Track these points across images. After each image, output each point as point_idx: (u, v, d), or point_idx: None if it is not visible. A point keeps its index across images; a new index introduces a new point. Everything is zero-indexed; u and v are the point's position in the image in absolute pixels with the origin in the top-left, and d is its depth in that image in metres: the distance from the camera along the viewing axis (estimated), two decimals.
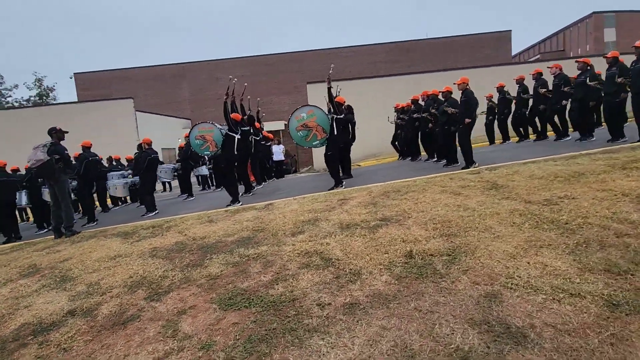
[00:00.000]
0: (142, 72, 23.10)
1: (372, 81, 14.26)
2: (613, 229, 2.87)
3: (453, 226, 3.45)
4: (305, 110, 6.22)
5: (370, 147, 13.70)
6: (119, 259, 4.10)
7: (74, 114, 15.85)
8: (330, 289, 2.76)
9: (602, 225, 2.96)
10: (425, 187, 4.96)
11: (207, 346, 2.38)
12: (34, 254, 4.93)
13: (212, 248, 4.00)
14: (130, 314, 2.91)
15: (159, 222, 5.64)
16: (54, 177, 5.69)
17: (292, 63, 22.74)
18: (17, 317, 3.12)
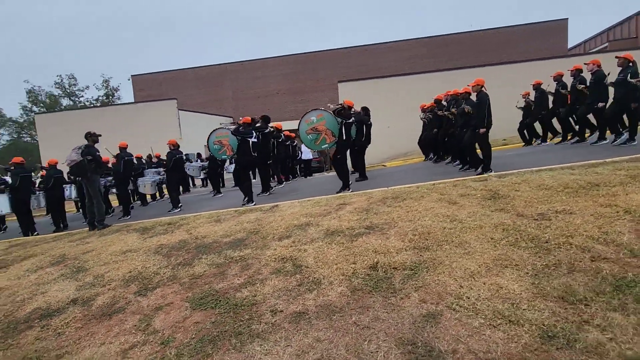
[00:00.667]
0: (189, 73, 24.62)
1: (404, 79, 13.89)
2: (593, 252, 2.65)
3: (430, 239, 3.39)
4: (315, 114, 6.32)
5: (400, 147, 13.43)
6: (128, 254, 4.55)
7: (127, 114, 17.42)
8: (288, 296, 2.88)
9: (583, 246, 2.75)
10: (424, 194, 4.84)
11: (166, 342, 2.63)
12: (67, 245, 5.61)
13: (206, 248, 4.29)
14: (118, 307, 3.27)
15: (175, 220, 6.10)
16: (86, 175, 6.40)
17: (329, 61, 22.79)
18: (33, 301, 3.64)
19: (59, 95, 37.63)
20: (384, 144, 13.95)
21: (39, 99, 36.67)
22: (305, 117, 6.37)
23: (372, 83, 14.05)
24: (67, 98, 38.33)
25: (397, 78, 14.08)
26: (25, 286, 4.08)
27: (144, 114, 16.65)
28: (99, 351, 2.68)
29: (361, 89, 14.05)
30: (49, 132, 18.01)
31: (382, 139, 13.92)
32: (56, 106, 35.78)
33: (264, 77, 23.56)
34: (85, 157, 6.33)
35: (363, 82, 14.19)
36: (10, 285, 4.17)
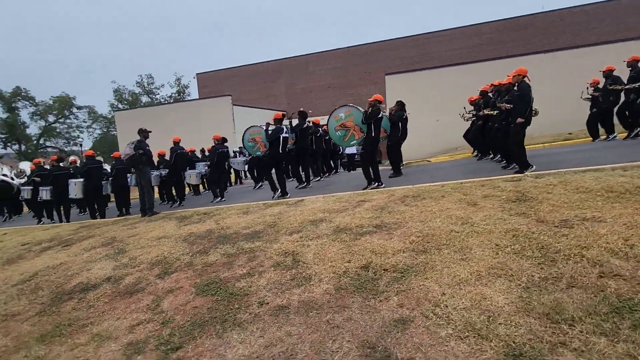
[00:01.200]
0: (246, 70, 25.82)
1: (457, 69, 13.01)
2: (605, 267, 2.35)
3: (433, 241, 3.25)
4: (343, 111, 6.29)
5: (450, 141, 12.68)
6: (162, 240, 5.04)
7: (189, 110, 18.90)
8: (278, 290, 3.00)
9: (596, 259, 2.44)
10: (446, 194, 4.61)
11: (166, 322, 2.92)
12: (120, 228, 6.35)
13: (225, 238, 4.58)
14: (140, 287, 3.68)
15: (211, 210, 6.56)
16: (139, 168, 7.14)
17: (383, 52, 22.20)
18: (79, 276, 4.24)
19: (139, 93, 41.91)
20: (433, 138, 13.37)
21: (123, 97, 41.17)
22: (334, 114, 6.38)
23: (422, 74, 13.45)
24: (145, 95, 42.57)
25: (450, 68, 13.26)
26: (77, 263, 4.75)
27: (203, 109, 17.93)
28: (114, 324, 3.06)
29: (410, 81, 13.55)
30: (126, 127, 20.21)
31: (431, 133, 13.34)
32: (137, 103, 39.87)
33: (316, 71, 23.79)
34: (137, 151, 7.06)
35: (412, 74, 13.65)
36: (67, 261, 4.88)
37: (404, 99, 13.32)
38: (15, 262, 5.38)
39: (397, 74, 13.95)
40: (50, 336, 3.07)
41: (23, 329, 3.30)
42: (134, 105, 38.27)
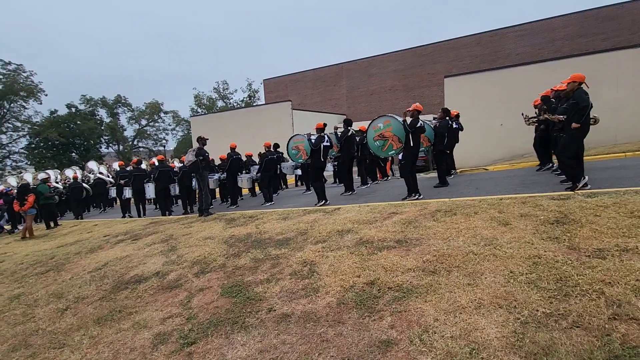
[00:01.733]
0: (308, 75, 26.58)
1: (524, 69, 11.86)
2: (623, 308, 2.11)
3: (446, 262, 3.17)
4: (382, 121, 6.25)
5: (515, 148, 11.66)
6: (207, 240, 5.58)
7: (254, 115, 20.14)
8: (288, 298, 3.20)
9: (615, 299, 2.20)
10: (481, 210, 4.37)
11: (190, 318, 3.30)
12: (179, 227, 7.14)
13: (259, 243, 4.92)
14: (179, 283, 4.16)
15: (256, 214, 7.03)
16: (199, 172, 7.92)
17: (449, 51, 21.11)
18: (136, 269, 4.91)
19: (215, 98, 45.61)
20: (496, 144, 12.43)
21: (202, 102, 45.15)
22: (373, 124, 6.37)
23: (484, 76, 12.55)
24: (221, 100, 46.18)
25: (514, 69, 12.18)
26: (138, 256, 5.50)
27: (265, 115, 18.97)
28: (151, 315, 3.54)
29: (471, 84, 12.76)
30: (199, 130, 22.24)
31: (494, 138, 12.41)
32: (213, 107, 43.45)
33: (378, 74, 23.54)
34: (198, 157, 7.85)
35: (473, 76, 12.80)
36: (132, 254, 5.67)
37: (464, 102, 12.70)
38: (95, 252, 6.39)
39: (457, 76, 13.23)
40: (104, 319, 3.66)
41: (87, 311, 3.97)
42: (210, 109, 41.79)
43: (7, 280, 5.75)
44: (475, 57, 20.32)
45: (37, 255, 7.02)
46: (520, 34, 19.62)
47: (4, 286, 5.48)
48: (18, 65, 30.75)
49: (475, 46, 20.46)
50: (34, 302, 4.56)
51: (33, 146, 33.40)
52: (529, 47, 19.05)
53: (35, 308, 4.38)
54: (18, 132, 32.61)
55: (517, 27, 19.42)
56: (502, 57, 19.36)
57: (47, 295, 4.70)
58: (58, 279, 5.28)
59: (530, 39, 19.05)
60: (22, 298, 4.79)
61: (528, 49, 18.97)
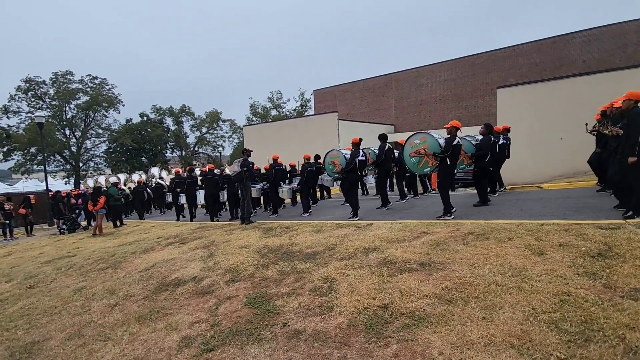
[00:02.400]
0: (357, 85, 26.67)
1: (588, 78, 10.76)
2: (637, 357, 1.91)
3: (466, 291, 3.06)
4: (418, 137, 6.12)
5: (577, 164, 10.60)
6: (243, 249, 5.88)
7: (302, 125, 20.71)
8: (304, 314, 3.30)
9: (634, 345, 1.99)
10: (516, 236, 4.12)
11: (214, 325, 3.54)
12: (221, 233, 7.59)
13: (288, 255, 5.09)
14: (211, 289, 4.46)
15: (292, 224, 7.24)
16: (243, 182, 8.38)
17: (505, 59, 19.89)
18: (177, 272, 5.34)
19: (269, 107, 47.53)
20: (555, 159, 11.45)
21: (257, 111, 47.30)
22: (410, 140, 6.28)
23: (542, 86, 11.63)
24: (274, 109, 48.02)
25: (579, 78, 11.12)
26: (181, 260, 5.97)
27: (312, 125, 19.41)
28: (183, 318, 3.85)
29: (527, 94, 11.91)
30: (251, 139, 23.37)
31: (554, 153, 11.45)
32: (267, 116, 45.31)
33: (428, 84, 22.91)
34: (242, 168, 8.32)
35: (528, 87, 11.92)
36: (176, 257, 6.17)
37: (519, 114, 11.92)
38: (148, 252, 7.04)
39: (511, 87, 12.45)
40: (144, 318, 4.05)
41: (132, 309, 4.42)
42: (264, 118, 43.65)
43: (75, 274, 6.55)
44: (535, 64, 18.91)
45: (101, 252, 7.90)
46: (587, 39, 17.89)
47: (72, 279, 6.26)
48: (103, 79, 34.86)
49: (534, 53, 19.06)
50: (92, 296, 5.16)
51: (111, 151, 37.48)
52: (597, 53, 17.28)
53: (92, 301, 4.96)
54: (100, 138, 36.83)
55: (584, 32, 17.74)
56: (567, 65, 17.77)
57: (103, 290, 5.30)
58: (114, 275, 5.92)
59: (599, 44, 17.27)
60: (83, 291, 5.45)
61: (596, 56, 17.21)
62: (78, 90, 33.25)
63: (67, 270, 6.78)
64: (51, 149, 30.51)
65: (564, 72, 17.45)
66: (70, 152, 33.89)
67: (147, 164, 37.88)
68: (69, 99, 32.66)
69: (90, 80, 34.07)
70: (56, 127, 32.25)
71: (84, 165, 35.87)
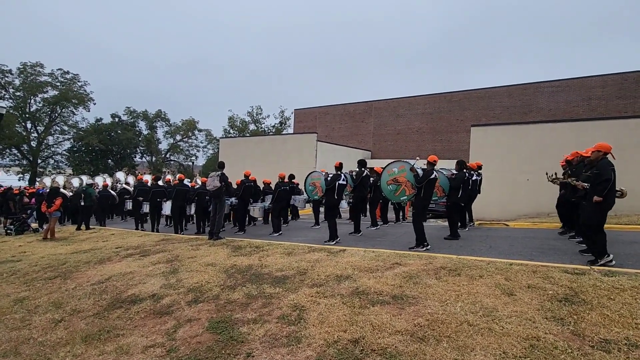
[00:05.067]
0: (338, 109, 27.19)
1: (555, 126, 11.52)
2: None
3: (438, 329, 3.00)
4: (397, 166, 6.24)
5: (541, 205, 11.16)
6: (209, 267, 5.59)
7: (280, 143, 20.66)
8: (270, 345, 3.11)
9: None
10: (487, 274, 4.17)
11: (171, 350, 3.26)
12: (186, 247, 7.22)
13: (257, 278, 4.88)
14: (171, 309, 4.16)
15: (263, 244, 7.02)
16: (220, 197, 8.10)
17: (480, 100, 21.04)
18: (134, 288, 4.96)
19: (248, 122, 47.25)
20: (521, 198, 11.98)
21: (235, 124, 46.85)
22: (388, 168, 6.37)
23: (513, 129, 12.31)
24: (253, 124, 47.78)
25: (547, 125, 11.90)
26: (140, 274, 5.58)
27: (290, 144, 19.42)
28: (136, 341, 3.53)
29: (499, 135, 12.54)
30: (226, 152, 22.96)
31: (520, 192, 12.00)
32: (245, 130, 44.92)
33: (406, 115, 23.71)
34: (222, 183, 8.06)
35: (501, 128, 12.61)
36: (135, 271, 5.77)
37: (491, 152, 12.49)
38: (104, 263, 6.55)
39: (484, 126, 13.09)
40: (91, 338, 3.69)
41: (79, 326, 4.02)
42: (242, 132, 43.26)
43: (17, 282, 5.96)
44: (506, 108, 20.11)
45: (51, 259, 7.28)
46: (555, 90, 19.33)
47: (14, 287, 5.68)
48: (75, 74, 33.49)
49: (506, 97, 20.30)
50: (34, 309, 4.68)
51: (75, 149, 35.57)
52: (563, 103, 18.67)
53: (34, 315, 4.49)
54: (64, 135, 34.96)
55: (552, 82, 19.18)
56: (534, 111, 19.04)
57: (47, 302, 4.82)
58: (62, 287, 5.42)
59: (565, 95, 18.69)
60: (25, 302, 4.94)
61: (562, 106, 18.58)
62: (47, 83, 31.71)
63: (8, 277, 6.17)
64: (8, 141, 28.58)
65: (532, 118, 18.64)
66: (29, 147, 31.89)
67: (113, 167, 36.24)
68: (35, 91, 31.03)
69: (61, 74, 32.67)
70: (17, 119, 30.34)
71: (42, 162, 33.80)
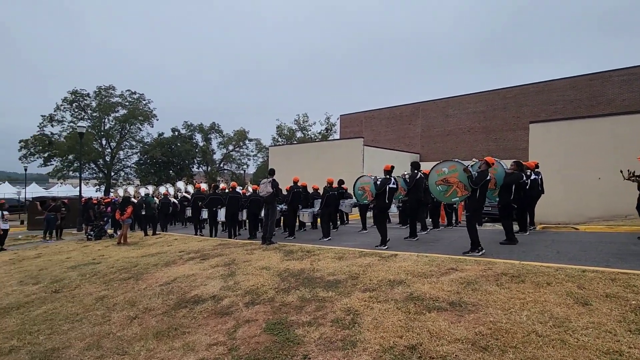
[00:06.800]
0: (384, 112, 26.83)
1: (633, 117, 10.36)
2: None
3: (503, 339, 2.84)
4: (447, 165, 5.97)
5: (616, 207, 10.02)
6: (263, 271, 5.80)
7: (326, 149, 20.86)
8: (325, 348, 3.15)
9: None
10: (555, 282, 3.85)
11: (232, 349, 3.44)
12: (242, 251, 7.55)
13: (310, 281, 4.97)
14: (230, 310, 4.38)
15: (314, 249, 7.13)
16: (272, 203, 8.40)
17: (539, 94, 19.50)
18: (197, 289, 5.30)
19: (295, 129, 48.38)
20: (592, 200, 10.89)
21: (283, 132, 48.20)
22: (437, 168, 6.13)
23: (580, 123, 11.26)
24: (300, 131, 48.80)
25: (621, 117, 10.71)
26: (202, 276, 5.94)
27: (337, 149, 19.52)
28: (200, 339, 3.77)
29: (563, 131, 11.53)
30: (276, 159, 23.68)
31: (590, 193, 10.90)
32: (293, 138, 46.04)
33: (456, 114, 22.74)
34: (274, 189, 8.36)
35: (566, 123, 11.57)
36: (197, 273, 6.16)
37: (552, 150, 11.50)
38: (169, 266, 7.08)
39: (545, 122, 12.11)
40: (161, 334, 4.00)
41: (150, 323, 4.39)
42: (290, 139, 44.41)
43: (98, 282, 6.65)
44: (570, 101, 18.45)
45: (124, 262, 8.03)
46: (627, 79, 17.35)
47: (95, 286, 6.35)
48: (140, 94, 36.81)
49: (569, 90, 18.62)
50: (113, 306, 5.19)
51: (141, 162, 38.95)
52: (638, 93, 16.70)
53: (112, 312, 4.98)
54: (132, 149, 38.49)
55: (622, 71, 17.24)
56: (603, 103, 17.25)
57: (123, 301, 5.32)
58: (135, 287, 5.95)
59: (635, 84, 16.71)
60: (105, 300, 5.49)
61: (637, 95, 16.62)
62: (117, 104, 35.18)
63: (91, 277, 6.90)
64: (87, 157, 32.05)
65: (601, 110, 16.91)
66: (104, 161, 35.49)
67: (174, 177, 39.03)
68: (108, 111, 34.55)
69: (129, 94, 36.04)
70: (94, 137, 33.98)
71: (115, 175, 37.36)
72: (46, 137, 32.48)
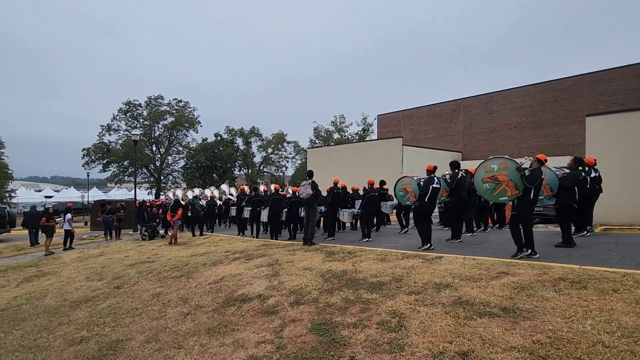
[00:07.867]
0: (423, 111, 26.08)
1: None
2: None
3: (564, 350, 2.67)
4: (496, 162, 5.65)
5: None
6: (306, 271, 5.89)
7: (364, 149, 20.70)
8: (372, 350, 3.14)
9: None
10: (623, 288, 3.55)
11: (280, 347, 3.53)
12: (285, 252, 7.72)
13: (353, 283, 4.97)
14: (276, 309, 4.50)
15: (355, 250, 7.12)
16: (313, 205, 8.52)
17: (595, 85, 17.94)
18: (244, 288, 5.49)
19: (332, 131, 48.53)
20: None
21: (320, 134, 48.56)
22: (485, 164, 5.84)
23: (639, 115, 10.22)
24: (337, 133, 48.87)
25: None
26: (247, 276, 6.15)
27: (375, 150, 19.28)
28: (249, 336, 3.91)
29: (626, 124, 10.54)
30: (314, 161, 23.89)
31: None
32: (330, 139, 46.25)
33: (501, 110, 21.56)
34: (314, 191, 8.48)
35: (627, 115, 10.49)
36: (243, 273, 6.39)
37: (613, 145, 10.57)
38: (217, 265, 7.41)
39: (604, 115, 11.10)
40: (213, 331, 4.20)
41: (202, 320, 4.62)
42: (327, 141, 44.64)
43: (153, 279, 7.11)
44: (632, 91, 16.80)
45: (176, 261, 8.51)
46: None
47: (151, 283, 6.79)
48: (186, 102, 38.91)
49: (631, 78, 16.96)
50: (168, 302, 5.52)
51: (187, 167, 41.11)
52: None
53: (168, 307, 5.30)
54: (179, 154, 40.76)
55: None
56: None
57: (177, 298, 5.65)
58: (187, 285, 6.29)
59: None
60: (160, 297, 5.86)
61: None
62: (165, 112, 37.44)
63: (147, 275, 7.40)
64: (140, 162, 34.38)
65: None
66: (155, 166, 37.88)
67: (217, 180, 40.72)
68: (158, 119, 36.88)
69: (176, 103, 38.21)
70: (146, 143, 36.41)
71: (164, 179, 39.73)
72: (104, 145, 35.36)
